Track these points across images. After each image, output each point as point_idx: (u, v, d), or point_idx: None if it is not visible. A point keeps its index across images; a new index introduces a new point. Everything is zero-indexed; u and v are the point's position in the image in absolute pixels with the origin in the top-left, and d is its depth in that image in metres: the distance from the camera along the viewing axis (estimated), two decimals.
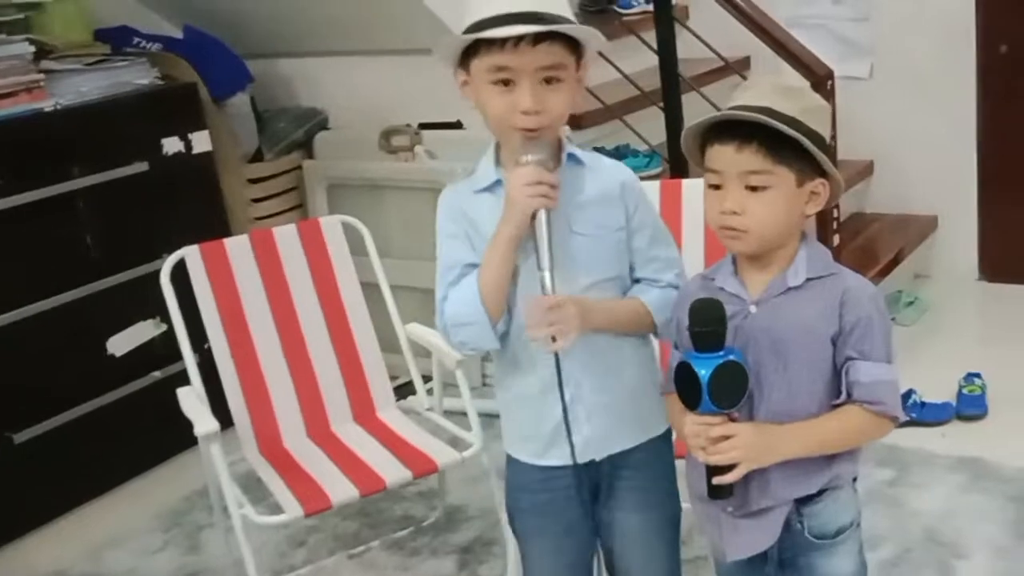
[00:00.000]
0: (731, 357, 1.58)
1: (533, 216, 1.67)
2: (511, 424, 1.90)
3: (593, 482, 1.84)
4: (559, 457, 1.80)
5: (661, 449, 1.87)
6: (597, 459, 1.81)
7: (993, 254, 4.32)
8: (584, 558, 1.91)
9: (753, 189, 1.59)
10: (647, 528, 1.87)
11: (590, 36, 1.68)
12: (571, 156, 1.77)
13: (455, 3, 1.74)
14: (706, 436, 1.60)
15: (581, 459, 1.79)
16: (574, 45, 1.67)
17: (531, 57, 1.63)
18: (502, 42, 1.62)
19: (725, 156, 1.60)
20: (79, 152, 3.28)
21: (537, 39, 1.62)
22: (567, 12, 1.68)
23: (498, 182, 1.74)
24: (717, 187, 1.63)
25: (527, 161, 1.67)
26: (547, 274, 1.67)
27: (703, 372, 1.57)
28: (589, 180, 1.77)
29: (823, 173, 1.63)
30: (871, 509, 2.81)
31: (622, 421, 1.81)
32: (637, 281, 1.82)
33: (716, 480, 1.62)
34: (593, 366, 1.77)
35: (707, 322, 1.58)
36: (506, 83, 1.66)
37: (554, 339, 1.67)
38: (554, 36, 1.63)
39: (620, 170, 1.82)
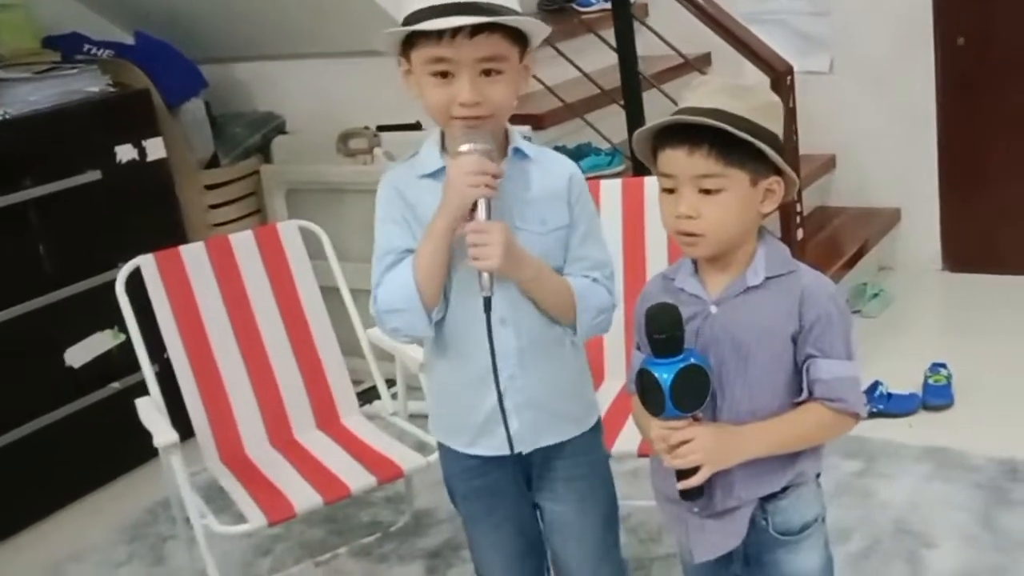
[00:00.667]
0: (692, 360, 1.56)
1: (473, 207, 1.65)
2: (440, 411, 1.90)
3: (524, 471, 1.84)
4: (488, 447, 1.80)
5: (592, 441, 1.87)
6: (525, 452, 1.81)
7: (955, 244, 4.35)
8: (528, 537, 1.91)
9: (707, 192, 1.57)
10: (581, 519, 1.87)
11: (531, 27, 1.66)
12: (517, 151, 1.75)
13: (411, 4, 1.70)
14: (667, 442, 1.58)
15: (509, 451, 1.77)
16: (516, 36, 1.65)
17: (469, 49, 1.60)
18: (439, 33, 1.59)
19: (677, 160, 1.58)
20: (30, 162, 3.23)
21: (475, 30, 1.59)
22: (510, 1, 1.65)
23: (442, 169, 1.72)
24: (671, 191, 1.61)
25: (469, 150, 1.64)
26: (484, 273, 1.65)
27: (665, 377, 1.55)
28: (535, 175, 1.76)
29: (777, 171, 1.61)
30: (839, 501, 2.81)
31: (553, 416, 1.81)
32: None
33: (681, 484, 1.60)
34: (527, 359, 1.75)
35: (664, 327, 1.56)
36: (444, 75, 1.63)
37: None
38: (494, 27, 1.61)
39: (567, 165, 1.80)
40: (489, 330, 1.67)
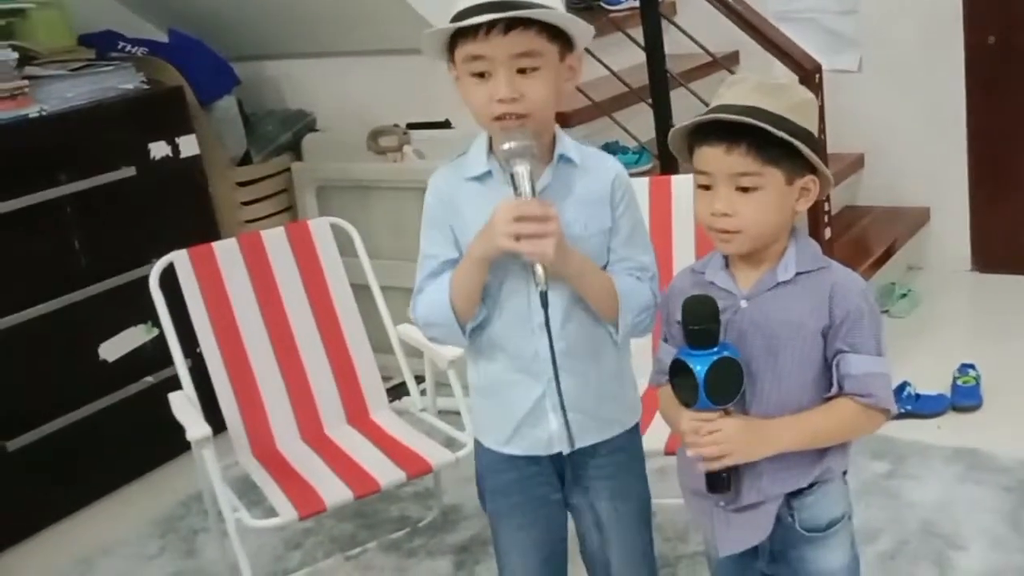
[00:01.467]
0: (726, 353, 1.58)
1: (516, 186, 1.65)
2: (479, 409, 1.91)
3: (559, 469, 1.85)
4: (524, 447, 1.81)
5: (630, 440, 1.88)
6: (564, 452, 1.81)
7: (985, 245, 4.32)
8: (554, 539, 1.90)
9: (744, 190, 1.59)
10: (618, 516, 1.88)
11: (566, 23, 1.65)
12: (563, 157, 1.74)
13: (440, 2, 1.72)
14: (697, 432, 1.60)
15: (548, 451, 1.79)
16: (553, 33, 1.65)
17: (503, 45, 1.61)
18: (475, 31, 1.61)
19: (714, 158, 1.59)
20: (65, 158, 3.27)
21: (509, 26, 1.60)
22: (546, 0, 1.65)
23: (488, 173, 1.73)
24: (707, 187, 1.62)
25: (508, 148, 1.64)
26: (539, 266, 1.66)
27: (699, 369, 1.57)
28: (580, 179, 1.75)
29: (812, 169, 1.62)
30: (867, 501, 2.81)
31: (593, 418, 1.81)
32: None
33: (705, 467, 1.62)
34: (567, 360, 1.74)
35: (701, 319, 1.58)
36: (483, 75, 1.65)
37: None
38: (528, 23, 1.61)
39: (611, 168, 1.79)
40: (547, 323, 1.68)
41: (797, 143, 1.57)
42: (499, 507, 1.91)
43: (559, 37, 1.66)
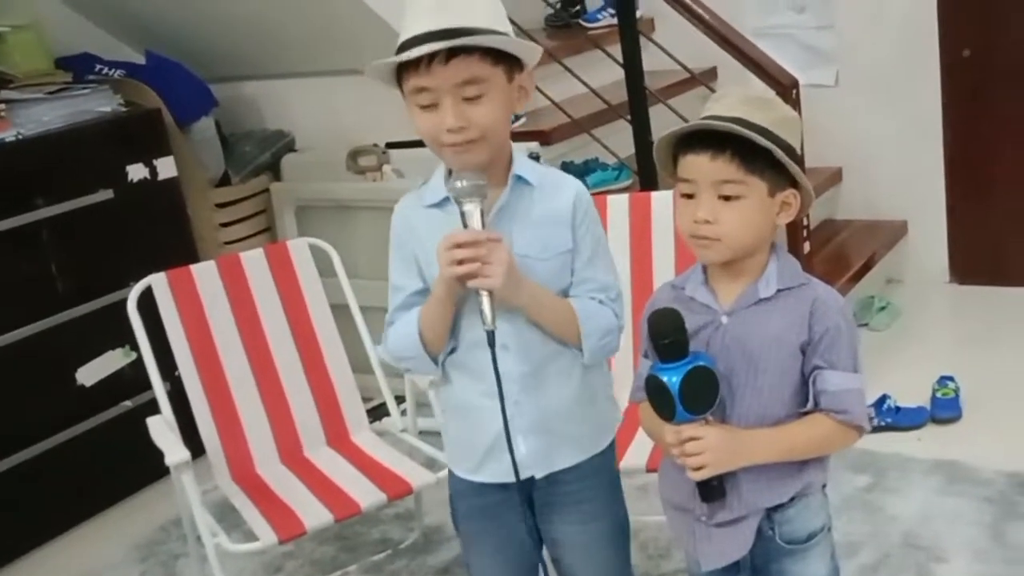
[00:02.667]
0: (698, 363, 1.58)
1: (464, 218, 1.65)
2: (448, 436, 1.91)
3: (529, 495, 1.83)
4: (492, 474, 1.81)
5: (602, 462, 1.86)
6: (537, 476, 1.80)
7: (963, 256, 4.34)
8: (525, 564, 1.89)
9: (726, 198, 1.60)
10: (592, 539, 1.87)
11: (507, 46, 1.65)
12: (518, 177, 1.74)
13: (401, 35, 1.72)
14: (677, 439, 1.60)
15: (507, 478, 1.76)
16: (498, 56, 1.65)
17: (445, 75, 1.61)
18: (417, 63, 1.60)
19: (698, 165, 1.61)
20: (43, 182, 3.26)
21: (450, 55, 1.60)
22: (493, 22, 1.65)
23: (447, 199, 1.73)
24: (690, 196, 1.63)
25: (459, 187, 1.64)
26: (486, 300, 1.65)
27: (673, 381, 1.57)
28: (538, 200, 1.75)
29: (795, 183, 1.64)
30: (849, 515, 2.82)
31: (561, 440, 1.80)
32: None
33: (690, 475, 1.62)
34: (531, 384, 1.75)
35: (666, 333, 1.58)
36: (430, 105, 1.64)
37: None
38: (469, 50, 1.61)
39: (571, 188, 1.78)
40: (495, 362, 1.67)
41: (780, 154, 1.59)
42: (470, 531, 1.92)
43: (505, 59, 1.66)
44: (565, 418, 1.79)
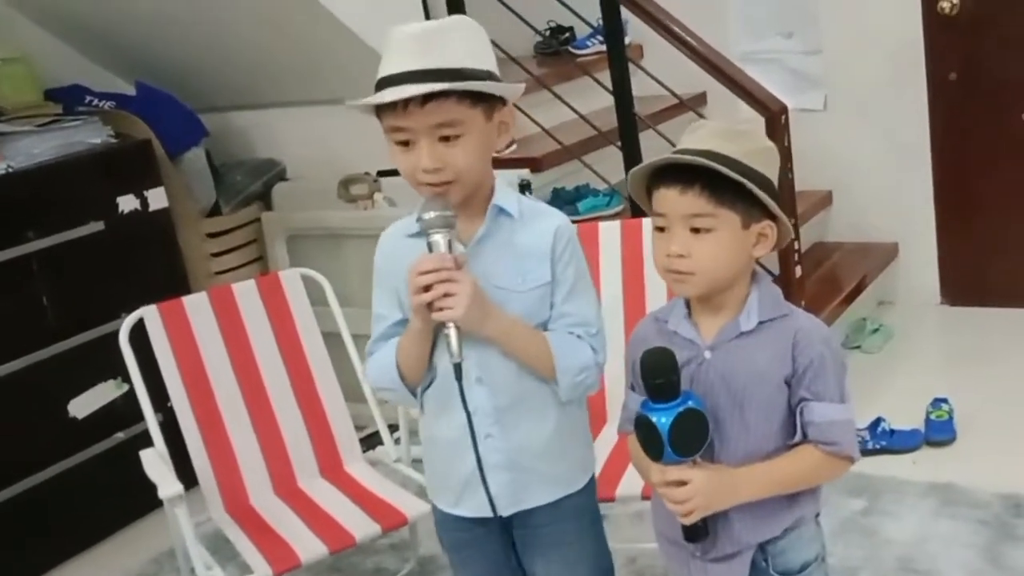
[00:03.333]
0: (690, 404, 1.57)
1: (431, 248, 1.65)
2: (428, 469, 1.90)
3: (507, 533, 1.82)
4: (468, 508, 1.80)
5: (581, 503, 1.83)
6: (504, 515, 1.77)
7: (954, 278, 4.35)
8: None
9: (697, 231, 1.59)
10: None
11: (486, 88, 1.64)
12: (498, 209, 1.73)
13: (381, 70, 1.70)
14: (663, 480, 1.59)
15: (488, 513, 1.75)
16: (477, 97, 1.64)
17: (422, 117, 1.60)
18: (392, 104, 1.60)
19: (669, 199, 1.60)
20: (33, 215, 3.25)
21: (426, 98, 1.59)
22: (473, 59, 1.64)
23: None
24: (663, 230, 1.63)
25: (426, 219, 1.64)
26: (452, 332, 1.65)
27: (663, 422, 1.56)
28: (519, 232, 1.74)
29: (771, 215, 1.63)
30: (844, 539, 2.81)
31: (535, 477, 1.78)
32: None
33: (683, 520, 1.61)
34: (505, 418, 1.74)
35: (660, 373, 1.57)
36: (407, 143, 1.65)
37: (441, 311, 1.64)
38: (446, 93, 1.60)
39: (552, 221, 1.76)
40: (462, 395, 1.67)
41: (750, 185, 1.57)
42: (455, 560, 1.92)
43: (483, 99, 1.65)
44: (539, 455, 1.77)
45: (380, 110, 1.64)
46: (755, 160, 1.60)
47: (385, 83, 1.61)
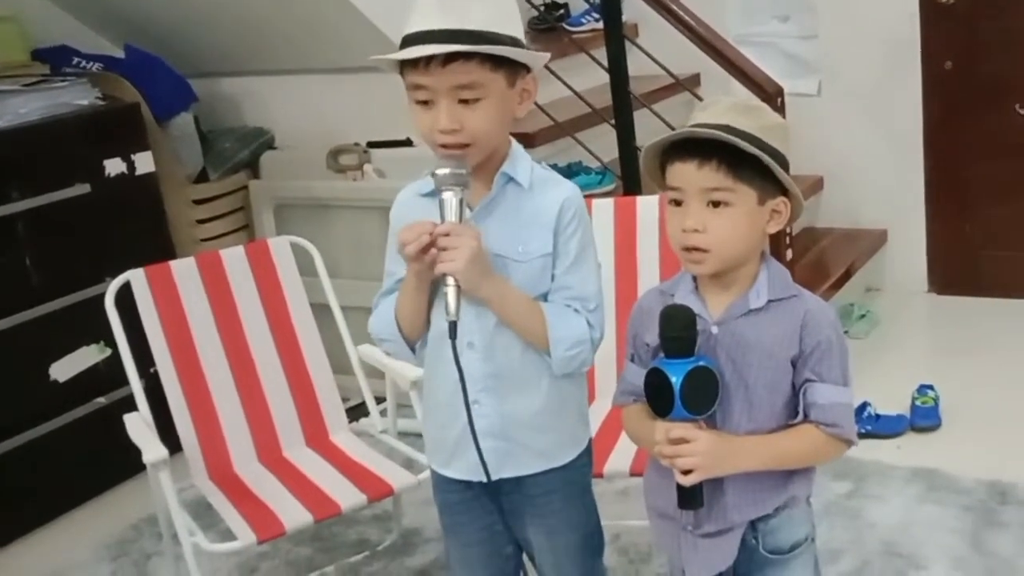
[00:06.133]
0: (702, 362, 1.57)
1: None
2: (425, 428, 1.91)
3: (494, 498, 1.82)
4: (458, 470, 1.81)
5: (568, 476, 1.82)
6: (488, 480, 1.76)
7: (942, 266, 4.36)
8: (501, 557, 1.89)
9: (715, 206, 1.58)
10: (560, 551, 1.85)
11: (509, 53, 1.63)
12: (507, 177, 1.73)
13: (401, 20, 1.71)
14: (667, 436, 1.58)
15: (475, 476, 1.77)
16: (498, 61, 1.63)
17: (442, 77, 1.60)
18: (415, 61, 1.60)
19: (686, 173, 1.59)
20: (18, 175, 3.21)
21: (448, 58, 1.59)
22: (499, 23, 1.63)
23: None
24: (678, 204, 1.61)
25: (439, 175, 1.64)
26: (451, 290, 1.65)
27: (675, 378, 1.55)
28: (525, 201, 1.73)
29: (784, 191, 1.63)
30: (829, 522, 2.81)
31: (521, 447, 1.77)
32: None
33: (677, 478, 1.60)
34: (494, 385, 1.74)
35: (678, 328, 1.57)
36: (427, 102, 1.64)
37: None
38: (469, 54, 1.59)
39: (561, 192, 1.74)
40: (455, 353, 1.66)
41: (768, 160, 1.57)
42: (447, 523, 1.92)
43: (506, 64, 1.64)
44: (526, 426, 1.76)
45: (403, 67, 1.64)
46: (771, 136, 1.60)
47: (409, 40, 1.61)
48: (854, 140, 4.33)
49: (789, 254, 3.49)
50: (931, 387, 3.38)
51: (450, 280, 1.64)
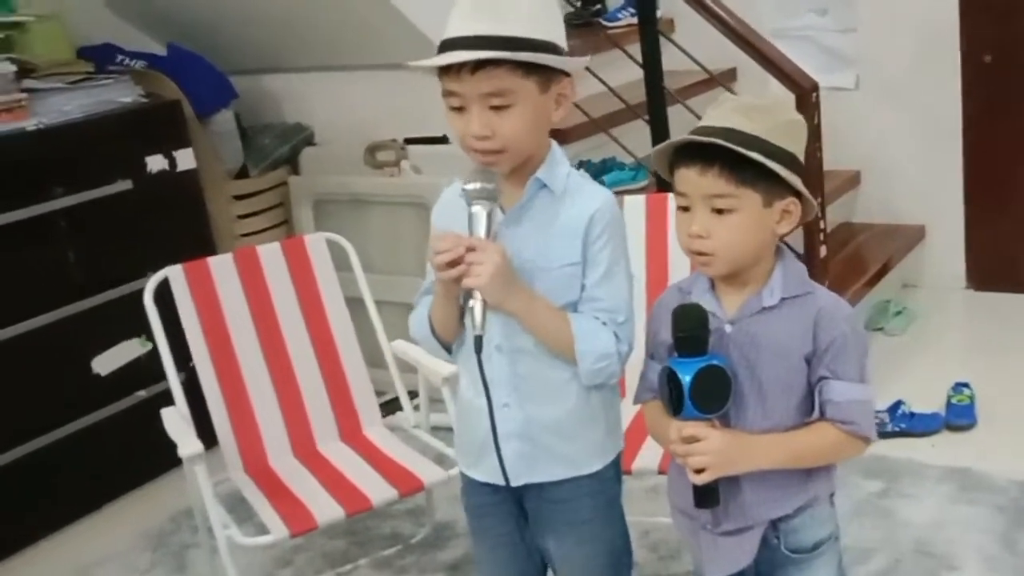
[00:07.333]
0: (714, 361, 1.58)
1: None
2: (456, 428, 1.94)
3: (518, 504, 1.83)
4: (482, 472, 1.82)
5: (596, 486, 1.81)
6: (512, 485, 1.76)
7: (980, 263, 4.32)
8: (527, 561, 1.89)
9: (719, 212, 1.58)
10: (585, 562, 1.84)
11: (541, 60, 1.62)
12: (539, 183, 1.71)
13: (439, 18, 1.72)
14: (679, 435, 1.59)
15: (497, 480, 1.76)
16: (530, 68, 1.62)
17: (472, 84, 1.60)
18: (447, 66, 1.61)
19: (690, 179, 1.59)
20: (62, 171, 3.27)
21: (477, 65, 1.58)
22: (534, 28, 1.62)
23: None
24: (686, 208, 1.62)
25: (469, 189, 1.64)
26: (477, 304, 1.64)
27: (685, 376, 1.56)
28: (556, 209, 1.72)
29: (796, 191, 1.61)
30: (860, 521, 2.81)
31: (547, 453, 1.76)
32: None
33: (693, 479, 1.60)
34: (523, 389, 1.74)
35: (689, 327, 1.58)
36: (460, 108, 1.65)
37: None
38: (498, 61, 1.59)
39: (594, 201, 1.72)
40: (481, 369, 1.66)
41: (770, 163, 1.55)
42: (473, 526, 1.94)
43: (537, 70, 1.63)
44: (552, 431, 1.76)
45: (438, 72, 1.65)
46: (778, 136, 1.58)
47: (444, 46, 1.62)
48: (891, 134, 4.30)
49: (824, 250, 3.48)
50: (967, 385, 3.36)
51: (476, 294, 1.64)
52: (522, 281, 1.68)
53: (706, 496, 1.63)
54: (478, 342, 1.65)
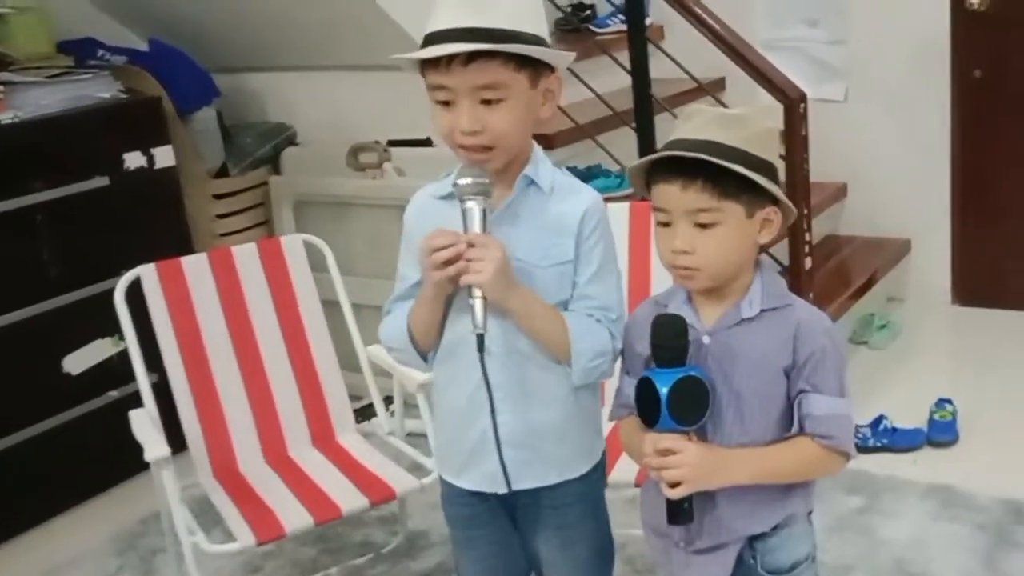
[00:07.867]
0: (692, 372, 1.54)
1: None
2: (438, 435, 1.89)
3: (508, 510, 1.80)
4: (471, 481, 1.78)
5: (583, 489, 1.79)
6: (500, 492, 1.75)
7: (966, 278, 4.30)
8: (515, 570, 1.87)
9: (703, 227, 1.55)
10: (571, 565, 1.82)
11: (533, 53, 1.60)
12: (528, 180, 1.69)
13: (423, 18, 1.68)
14: (654, 447, 1.55)
15: (491, 488, 1.74)
16: (522, 61, 1.60)
17: (464, 77, 1.57)
18: (436, 60, 1.57)
19: (670, 195, 1.56)
20: (39, 166, 3.22)
21: (470, 57, 1.56)
22: (523, 22, 1.60)
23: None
24: (666, 224, 1.58)
25: (461, 185, 1.61)
26: (478, 303, 1.61)
27: (662, 387, 1.53)
28: (546, 206, 1.69)
29: (774, 199, 1.58)
30: (840, 537, 2.78)
31: (537, 457, 1.74)
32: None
33: (668, 493, 1.57)
34: (512, 393, 1.71)
35: (668, 337, 1.54)
36: (448, 103, 1.61)
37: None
38: (491, 53, 1.56)
39: (584, 200, 1.70)
40: (484, 368, 1.64)
41: (754, 176, 1.53)
42: (458, 537, 1.89)
43: (529, 64, 1.61)
44: (544, 436, 1.73)
45: (424, 67, 1.61)
46: (756, 145, 1.55)
47: (431, 39, 1.58)
48: (880, 147, 4.28)
49: (808, 262, 3.45)
50: (949, 401, 3.33)
51: (476, 292, 1.60)
52: (517, 279, 1.66)
53: (679, 512, 1.59)
54: (480, 341, 1.62)
